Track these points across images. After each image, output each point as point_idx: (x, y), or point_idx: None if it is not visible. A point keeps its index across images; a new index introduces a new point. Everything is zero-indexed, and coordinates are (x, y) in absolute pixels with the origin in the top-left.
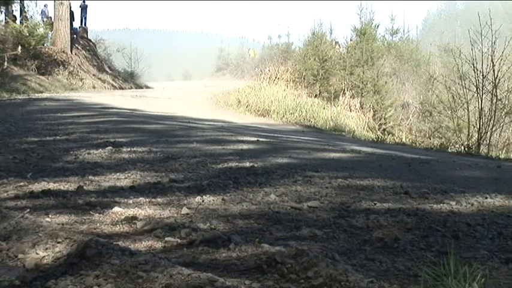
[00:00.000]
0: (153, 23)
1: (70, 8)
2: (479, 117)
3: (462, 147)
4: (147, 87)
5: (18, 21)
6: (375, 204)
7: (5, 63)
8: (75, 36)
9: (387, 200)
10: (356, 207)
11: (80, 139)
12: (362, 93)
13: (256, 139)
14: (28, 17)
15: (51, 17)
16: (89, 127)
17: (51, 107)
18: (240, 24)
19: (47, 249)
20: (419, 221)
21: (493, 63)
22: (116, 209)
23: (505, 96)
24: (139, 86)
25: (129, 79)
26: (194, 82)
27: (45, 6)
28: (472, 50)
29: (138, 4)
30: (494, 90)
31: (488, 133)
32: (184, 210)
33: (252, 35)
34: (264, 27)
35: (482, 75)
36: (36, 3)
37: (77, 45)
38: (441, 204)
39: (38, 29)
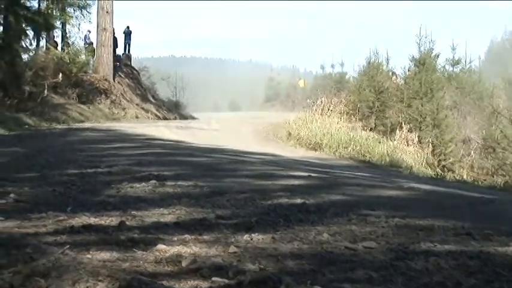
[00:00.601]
0: (199, 50)
1: (113, 34)
2: None
3: None
4: (193, 117)
5: (59, 48)
6: (435, 245)
7: (45, 92)
8: (118, 63)
9: (448, 241)
10: (415, 249)
11: (122, 172)
12: (420, 127)
13: (307, 174)
14: (70, 43)
15: (92, 43)
16: (132, 159)
17: (92, 137)
18: (291, 53)
19: (88, 287)
20: (483, 264)
21: None
22: (160, 246)
23: None
24: (184, 117)
25: (173, 109)
26: (242, 113)
27: (88, 31)
28: None
29: (184, 31)
30: None
31: None
32: (232, 249)
33: (303, 64)
34: (316, 56)
35: None
36: (79, 28)
37: (120, 73)
38: (506, 247)
39: (80, 55)
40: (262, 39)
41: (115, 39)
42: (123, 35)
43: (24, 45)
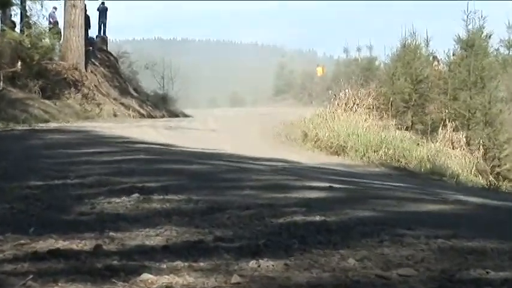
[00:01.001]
0: (192, 31)
1: (85, 11)
2: None
3: None
4: (185, 115)
5: (18, 29)
6: (488, 272)
7: (0, 84)
8: (91, 48)
9: (504, 267)
10: (462, 277)
11: (97, 183)
12: (469, 125)
13: (328, 185)
14: (31, 23)
15: (58, 23)
16: (109, 168)
17: (60, 140)
18: (306, 33)
19: None
20: None
21: None
22: (145, 275)
23: None
24: (174, 114)
25: (161, 105)
26: (246, 109)
27: (53, 9)
28: None
29: (173, 8)
30: None
31: None
32: (235, 279)
33: (322, 47)
34: (338, 36)
35: None
36: (41, 3)
37: (93, 60)
38: None
39: (44, 39)
40: (270, 17)
41: (87, 18)
42: (97, 12)
43: None
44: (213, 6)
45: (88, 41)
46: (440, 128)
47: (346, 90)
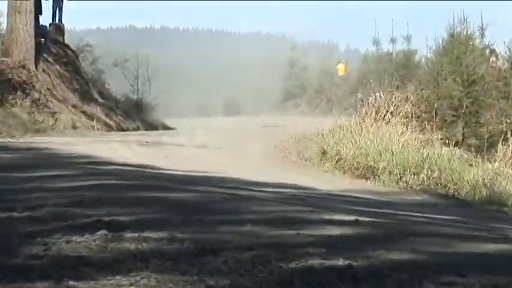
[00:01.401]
0: (174, 18)
1: None
2: None
3: None
4: (166, 127)
5: None
6: None
7: None
8: (43, 40)
9: None
10: None
11: (52, 217)
12: None
13: (354, 218)
14: None
15: None
16: (68, 196)
17: (3, 161)
18: (323, 20)
19: None
20: None
21: None
22: None
23: None
24: (152, 126)
25: (134, 113)
26: (246, 118)
27: None
28: None
29: None
30: None
31: None
32: None
33: (344, 37)
34: (364, 24)
35: None
36: None
37: (46, 55)
38: None
39: None
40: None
41: (38, 1)
42: None
43: None
44: None
45: (39, 30)
46: (500, 143)
47: (377, 94)
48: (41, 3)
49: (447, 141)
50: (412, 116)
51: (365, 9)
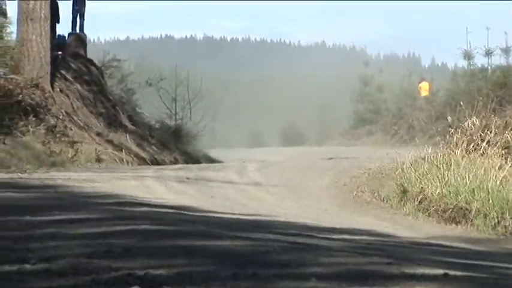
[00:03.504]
0: (220, 26)
1: None
2: None
3: None
4: (211, 160)
5: None
6: None
7: None
8: (60, 53)
9: None
10: None
11: (72, 270)
12: None
13: (442, 272)
14: None
15: (6, 13)
16: (92, 245)
17: (12, 201)
18: (403, 30)
19: None
20: None
21: None
22: None
23: None
24: (193, 158)
25: (171, 143)
26: (308, 148)
27: None
28: None
29: None
30: None
31: None
32: None
33: (428, 50)
34: (453, 35)
35: None
36: None
37: (64, 72)
38: None
39: None
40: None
41: (55, 6)
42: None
43: None
44: None
45: (56, 41)
46: None
47: (469, 120)
48: (58, 8)
49: None
50: None
51: (454, 15)
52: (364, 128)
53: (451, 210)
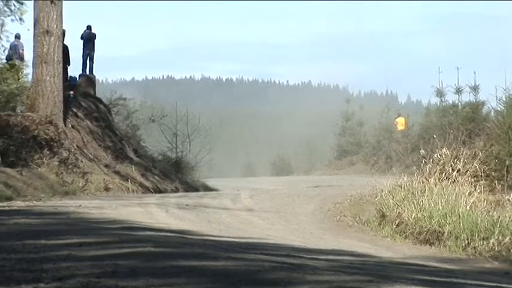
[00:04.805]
0: (216, 67)
1: (63, 39)
2: None
3: None
4: (207, 188)
5: None
6: None
7: None
8: (71, 93)
9: None
10: None
11: None
12: None
13: None
14: None
15: (23, 57)
16: (100, 265)
17: (29, 226)
18: (381, 70)
19: None
20: None
21: None
22: None
23: None
24: (192, 187)
25: (172, 173)
26: (296, 178)
27: (17, 38)
28: None
29: (188, 35)
30: None
31: None
32: None
33: (404, 88)
34: (426, 74)
35: None
36: (1, 30)
37: (75, 109)
38: None
39: (3, 80)
40: (324, 45)
41: (66, 50)
42: (81, 41)
43: None
44: (243, 37)
45: (68, 82)
46: None
47: (442, 151)
48: (69, 52)
49: None
50: (480, 175)
51: (427, 57)
52: (347, 159)
53: (425, 232)
